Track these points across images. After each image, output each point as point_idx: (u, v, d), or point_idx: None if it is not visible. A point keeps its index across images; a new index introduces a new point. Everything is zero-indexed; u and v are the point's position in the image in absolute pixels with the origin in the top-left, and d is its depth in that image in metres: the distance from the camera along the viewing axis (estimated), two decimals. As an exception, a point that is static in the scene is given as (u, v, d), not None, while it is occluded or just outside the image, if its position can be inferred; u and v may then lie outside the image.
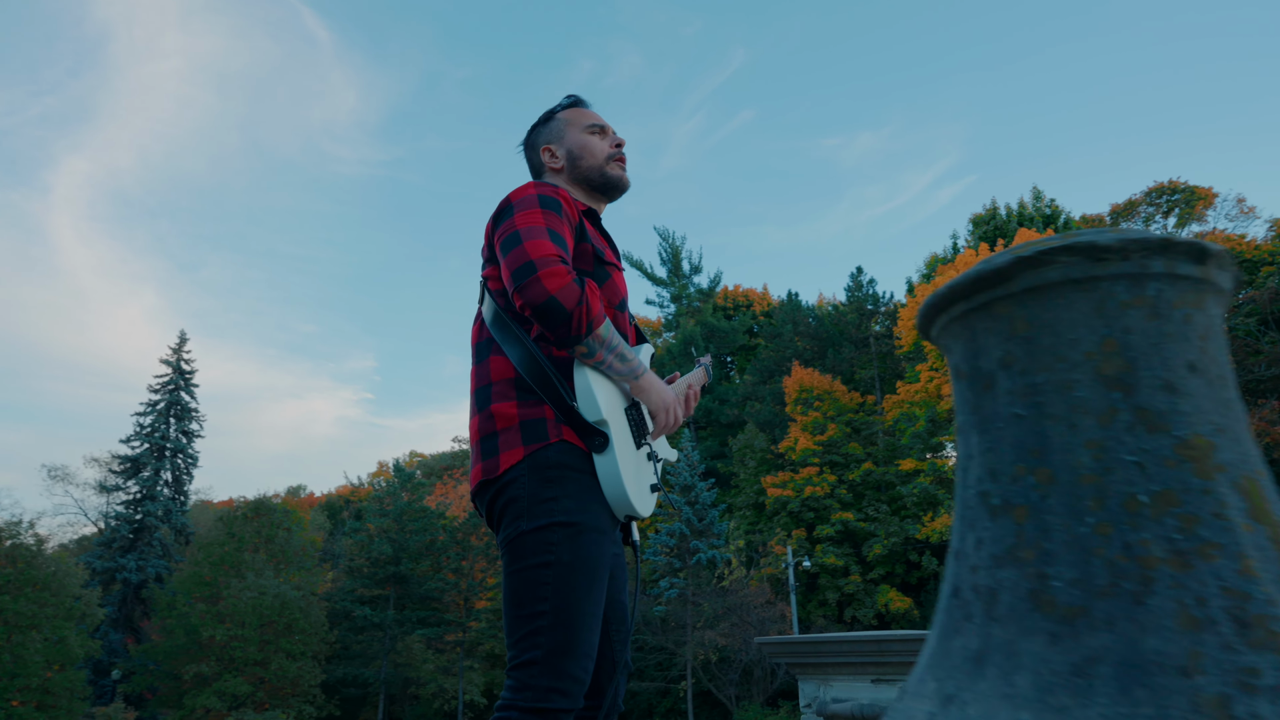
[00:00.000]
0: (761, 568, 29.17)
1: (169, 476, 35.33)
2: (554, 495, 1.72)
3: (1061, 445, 0.78)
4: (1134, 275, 0.81)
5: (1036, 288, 0.83)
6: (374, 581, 33.05)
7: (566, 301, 1.67)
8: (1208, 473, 0.75)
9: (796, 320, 35.11)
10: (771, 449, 31.74)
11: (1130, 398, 0.78)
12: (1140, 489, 0.75)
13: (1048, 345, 0.82)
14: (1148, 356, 0.79)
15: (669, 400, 1.94)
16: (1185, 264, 0.81)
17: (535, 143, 2.19)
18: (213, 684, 28.33)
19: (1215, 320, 0.83)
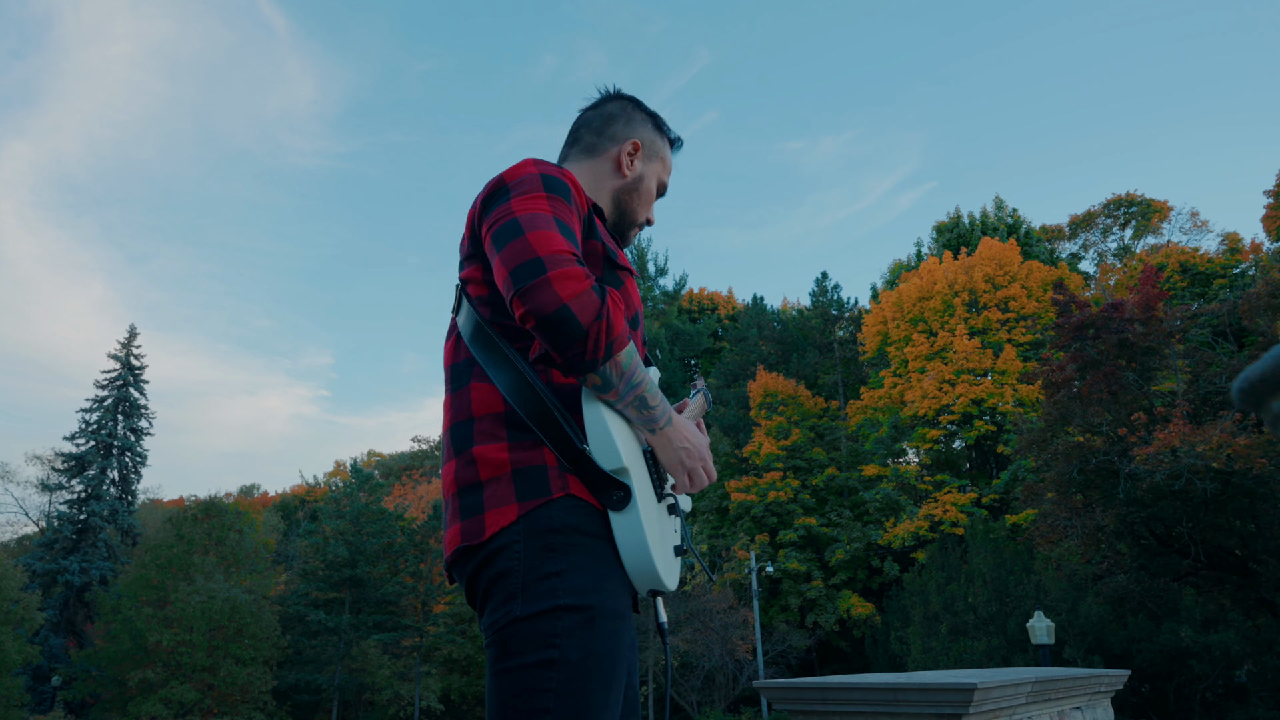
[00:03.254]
0: (724, 573, 29.04)
1: (116, 475, 34.16)
2: (559, 569, 1.32)
3: None
4: None
5: None
6: (329, 584, 32.27)
7: (583, 314, 1.26)
8: None
9: (761, 324, 35.09)
10: (736, 453, 31.65)
11: None
12: None
13: None
14: None
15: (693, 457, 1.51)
16: None
17: (633, 123, 1.77)
18: (159, 690, 27.38)
19: None
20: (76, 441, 33.33)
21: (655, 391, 1.44)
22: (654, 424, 1.46)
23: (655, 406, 1.44)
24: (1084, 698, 4.72)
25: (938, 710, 3.30)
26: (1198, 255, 29.02)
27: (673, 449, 1.49)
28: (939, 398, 27.04)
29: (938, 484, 27.48)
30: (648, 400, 1.42)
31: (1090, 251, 34.12)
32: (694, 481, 1.54)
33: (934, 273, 29.38)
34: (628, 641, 1.37)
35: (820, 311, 34.01)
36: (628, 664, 1.38)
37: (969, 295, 28.11)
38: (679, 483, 1.54)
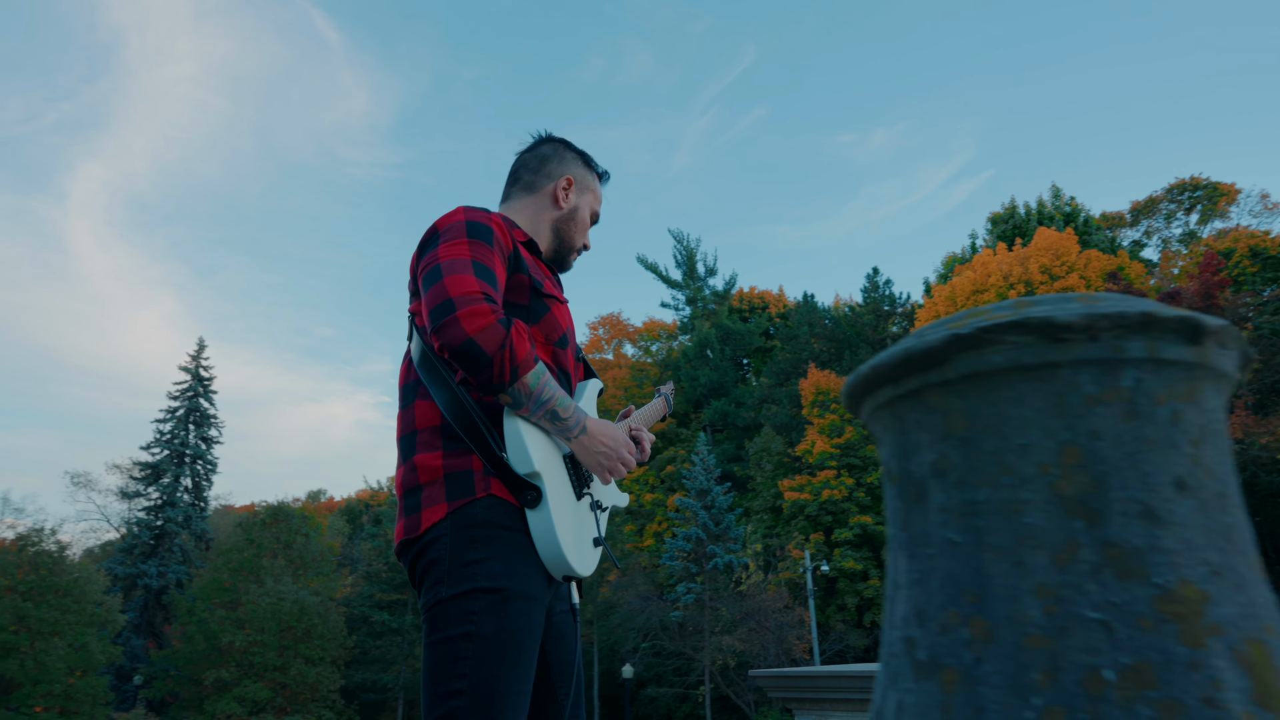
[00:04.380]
0: (779, 572, 28.88)
1: (189, 483, 35.56)
2: (479, 558, 1.53)
3: (1005, 591, 0.59)
4: (1105, 361, 0.61)
5: (977, 374, 0.64)
6: (392, 586, 33.07)
7: (487, 345, 1.48)
8: (1197, 637, 0.55)
9: (813, 322, 34.78)
10: (788, 452, 31.43)
11: (1096, 528, 0.59)
12: (1106, 660, 0.55)
13: (991, 451, 0.63)
14: (1121, 471, 0.60)
15: (610, 458, 1.73)
16: (1174, 345, 0.62)
17: (565, 162, 2.01)
18: (233, 689, 28.43)
19: (1215, 417, 0.64)
20: (152, 451, 34.78)
21: (567, 405, 1.64)
22: (568, 433, 1.67)
23: (567, 418, 1.65)
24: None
25: None
26: (1268, 239, 27.79)
27: (590, 453, 1.71)
28: (995, 392, 26.47)
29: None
30: (559, 413, 1.62)
31: (1153, 238, 32.98)
32: (614, 475, 1.76)
33: (988, 265, 28.76)
34: (538, 619, 1.57)
35: (872, 307, 33.56)
36: (539, 638, 1.59)
37: (1025, 287, 27.43)
38: (600, 480, 1.76)
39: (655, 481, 36.72)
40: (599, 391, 2.02)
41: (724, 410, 36.26)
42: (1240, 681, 0.54)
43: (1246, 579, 0.58)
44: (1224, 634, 0.55)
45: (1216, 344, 0.63)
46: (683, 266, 39.78)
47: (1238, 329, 0.66)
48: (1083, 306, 0.61)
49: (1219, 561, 0.58)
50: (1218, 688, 0.53)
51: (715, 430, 37.58)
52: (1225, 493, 0.61)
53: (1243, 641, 0.55)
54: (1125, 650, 0.55)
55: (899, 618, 0.67)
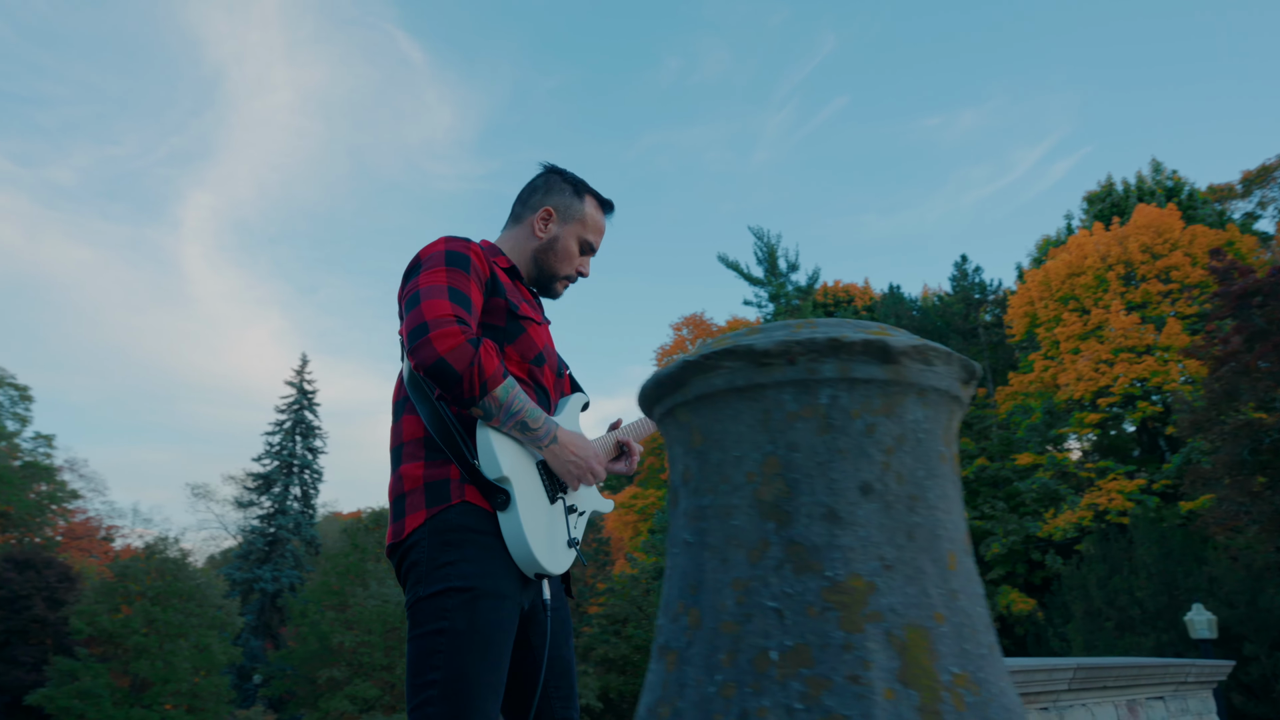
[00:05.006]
0: (873, 570, 28.37)
1: (298, 491, 37.35)
2: (452, 559, 1.68)
3: (712, 583, 0.68)
4: (803, 382, 0.69)
5: (706, 396, 0.73)
6: (489, 588, 33.91)
7: (457, 363, 1.62)
8: (856, 623, 0.63)
9: (899, 313, 33.99)
10: (878, 447, 30.80)
11: (785, 529, 0.67)
12: (774, 643, 0.64)
13: (716, 463, 0.72)
14: (811, 478, 0.68)
15: (580, 467, 1.85)
16: (866, 364, 0.69)
17: (549, 193, 2.11)
18: (344, 688, 29.72)
19: (918, 428, 0.71)
20: (263, 462, 36.70)
21: (537, 416, 1.78)
22: (538, 443, 1.80)
23: (537, 429, 1.79)
24: (1168, 688, 4.51)
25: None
26: (1401, 202, 25.66)
27: (560, 461, 1.84)
28: (1095, 379, 25.28)
29: (1101, 471, 25.70)
30: (529, 424, 1.76)
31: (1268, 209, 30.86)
32: (584, 482, 1.89)
33: (1084, 246, 27.51)
34: (510, 616, 1.70)
35: (962, 296, 32.54)
36: (512, 634, 1.73)
37: (1124, 268, 26.14)
38: (571, 486, 1.88)
39: (744, 480, 36.56)
40: (583, 405, 2.15)
41: (811, 406, 35.82)
42: (890, 662, 0.62)
43: (924, 572, 0.66)
44: (883, 620, 0.63)
45: (918, 361, 0.70)
46: (764, 263, 39.43)
47: (944, 347, 0.73)
48: (784, 334, 0.70)
49: (894, 557, 0.65)
50: (865, 667, 0.61)
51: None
52: (917, 495, 0.68)
53: (902, 627, 0.63)
54: (790, 634, 0.63)
55: (659, 609, 0.76)
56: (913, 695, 0.60)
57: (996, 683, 0.65)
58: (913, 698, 0.60)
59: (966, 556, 0.71)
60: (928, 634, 0.63)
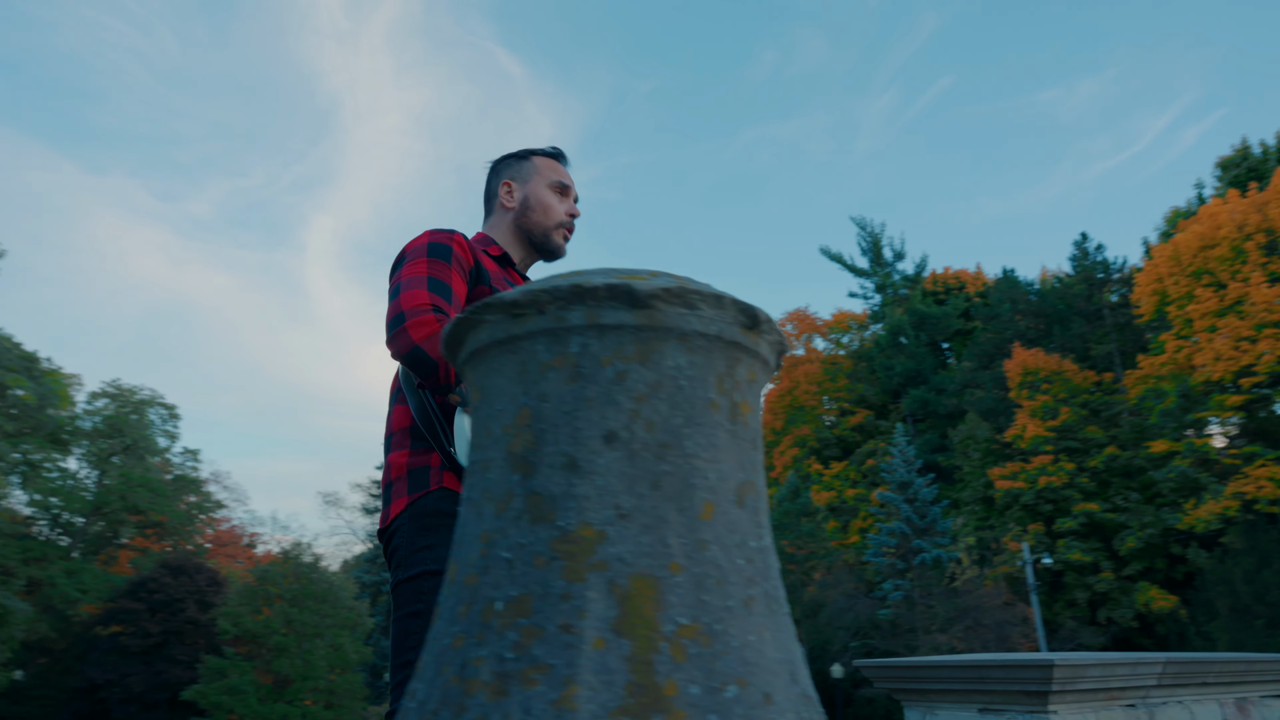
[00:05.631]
0: (996, 566, 27.15)
1: (418, 497, 38.91)
2: (429, 544, 1.72)
3: (466, 537, 0.67)
4: (553, 331, 0.68)
5: (477, 351, 0.72)
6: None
7: (432, 351, 1.66)
8: (579, 572, 0.61)
9: (1015, 298, 32.42)
10: (997, 438, 29.48)
11: (528, 480, 0.66)
12: (501, 594, 0.63)
13: (484, 417, 0.71)
14: (557, 428, 0.66)
15: None
16: (615, 310, 0.67)
17: (500, 171, 2.19)
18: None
19: (677, 373, 0.68)
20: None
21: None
22: None
23: None
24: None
25: (1021, 688, 3.15)
26: None
27: None
28: (1236, 358, 23.40)
29: (1247, 457, 23.75)
30: None
31: None
32: None
33: (1218, 216, 25.52)
34: None
35: (1083, 276, 30.74)
36: None
37: (1265, 236, 24.09)
38: None
39: (856, 476, 35.70)
40: None
41: (923, 399, 34.59)
42: (607, 611, 0.59)
43: (665, 521, 0.63)
44: (608, 570, 0.61)
45: (678, 305, 0.67)
46: (868, 254, 38.44)
47: (715, 290, 0.69)
48: (538, 284, 0.68)
49: (631, 506, 0.63)
50: (580, 616, 0.59)
51: (916, 420, 35.92)
52: (669, 443, 0.66)
53: (627, 577, 0.61)
54: (516, 584, 0.62)
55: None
56: (625, 644, 0.58)
57: (741, 637, 0.61)
58: (624, 647, 0.58)
59: (737, 508, 0.67)
60: (657, 584, 0.61)
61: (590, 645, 0.58)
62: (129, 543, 34.45)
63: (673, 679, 0.57)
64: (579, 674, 0.57)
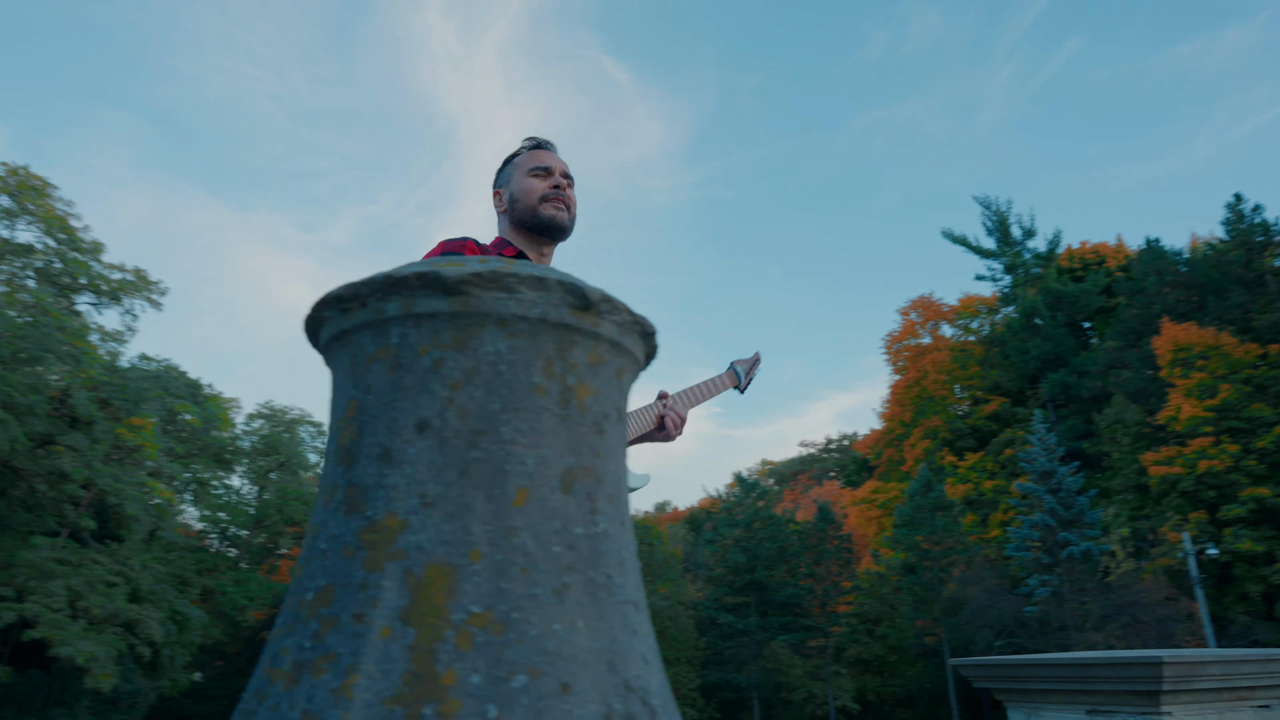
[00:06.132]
0: (1154, 559, 25.28)
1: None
2: None
3: (311, 530, 0.68)
4: (375, 323, 0.68)
5: (326, 346, 0.73)
6: (733, 589, 34.26)
7: None
8: (379, 562, 0.61)
9: (1162, 269, 30.10)
10: (1148, 421, 27.45)
11: (349, 471, 0.66)
12: (312, 585, 0.63)
13: (332, 411, 0.72)
14: (376, 419, 0.66)
15: None
16: (429, 299, 0.66)
17: (494, 186, 2.27)
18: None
19: (496, 359, 0.66)
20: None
21: None
22: None
23: None
24: None
25: (1130, 687, 2.92)
26: None
27: None
28: None
29: None
30: None
31: None
32: None
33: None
34: None
35: (1239, 241, 28.19)
36: None
37: None
38: None
39: (994, 467, 34.06)
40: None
41: (1063, 382, 32.61)
42: (399, 600, 0.59)
43: (470, 509, 0.62)
44: (406, 559, 0.60)
45: (494, 290, 0.66)
46: (995, 233, 36.59)
47: (542, 272, 0.67)
48: (362, 278, 0.69)
49: (437, 494, 0.62)
50: (373, 605, 0.59)
51: (1056, 406, 33.91)
52: (483, 430, 0.64)
53: (423, 565, 0.60)
54: (326, 575, 0.63)
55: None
56: (410, 633, 0.57)
57: (543, 625, 0.59)
58: (409, 635, 0.57)
59: (560, 493, 0.65)
60: (452, 571, 0.60)
61: (377, 634, 0.58)
62: (288, 552, 36.92)
63: (453, 668, 0.56)
64: (361, 663, 0.57)
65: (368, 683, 0.56)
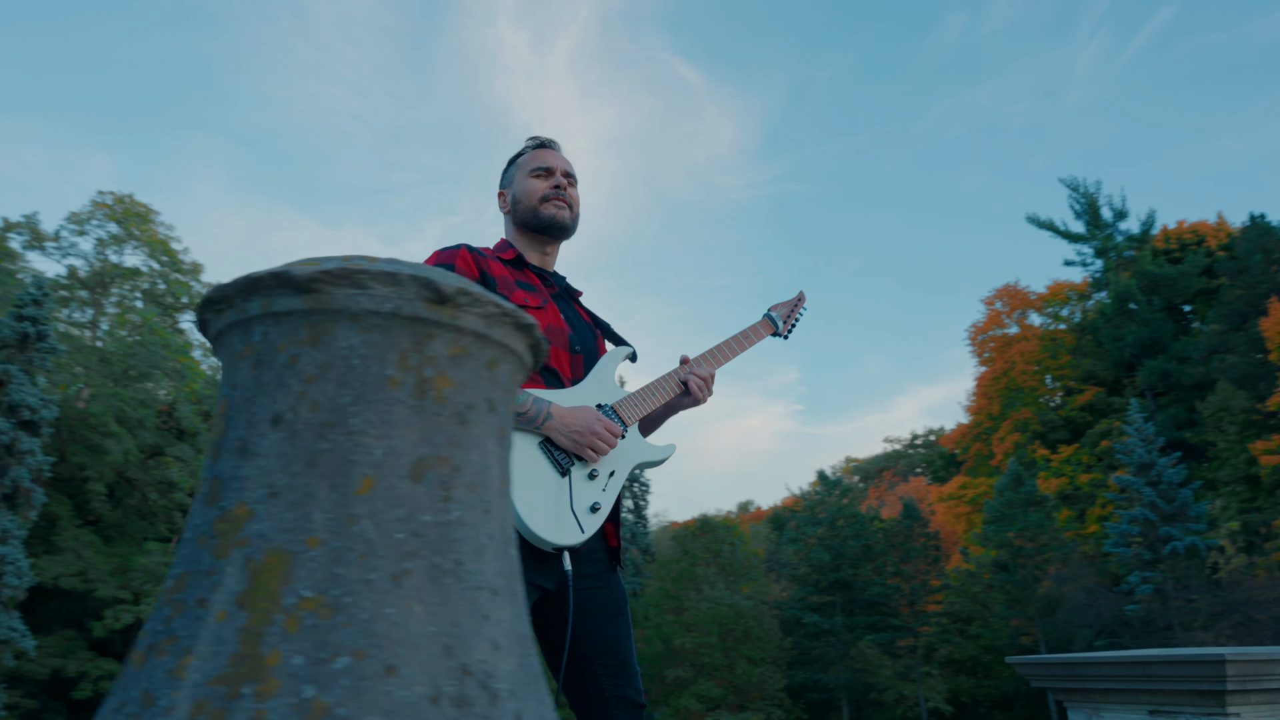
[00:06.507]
0: (1268, 553, 23.81)
1: (630, 504, 40.09)
2: None
3: (188, 523, 0.72)
4: (240, 323, 0.71)
5: (214, 341, 0.77)
6: (818, 588, 33.78)
7: None
8: (226, 550, 0.63)
9: (1269, 247, 28.31)
10: (1258, 408, 25.86)
11: (214, 465, 0.69)
12: (174, 572, 0.67)
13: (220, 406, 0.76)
14: (239, 414, 0.69)
15: (582, 435, 1.90)
16: (285, 298, 0.69)
17: (499, 187, 2.31)
18: (690, 687, 31.29)
19: (350, 353, 0.69)
20: (597, 478, 39.99)
21: (522, 402, 1.88)
22: (532, 424, 1.90)
23: (524, 413, 1.89)
24: None
25: (1192, 687, 2.77)
26: None
27: (562, 436, 1.92)
28: None
29: None
30: (516, 411, 1.84)
31: None
32: (596, 451, 1.92)
33: None
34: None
35: (1356, 212, 26.37)
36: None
37: None
38: (585, 457, 1.91)
39: (1090, 460, 32.65)
40: (625, 358, 2.16)
41: (1162, 369, 31.00)
42: (238, 585, 0.62)
43: (313, 498, 0.64)
44: (248, 546, 0.63)
45: (346, 286, 0.68)
46: (1083, 216, 35.04)
47: (394, 266, 0.69)
48: (228, 282, 0.72)
49: (284, 484, 0.65)
50: (215, 590, 0.62)
51: (1155, 394, 32.26)
52: (332, 422, 0.67)
53: (263, 552, 0.63)
54: (183, 563, 0.66)
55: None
56: (243, 616, 0.60)
57: (375, 610, 0.61)
58: (241, 618, 0.60)
59: (409, 482, 0.67)
60: (290, 558, 0.62)
61: (214, 618, 0.61)
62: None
63: (279, 649, 0.59)
64: (196, 645, 0.60)
65: (199, 664, 0.59)
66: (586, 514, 1.90)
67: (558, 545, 1.84)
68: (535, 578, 1.86)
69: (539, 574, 1.87)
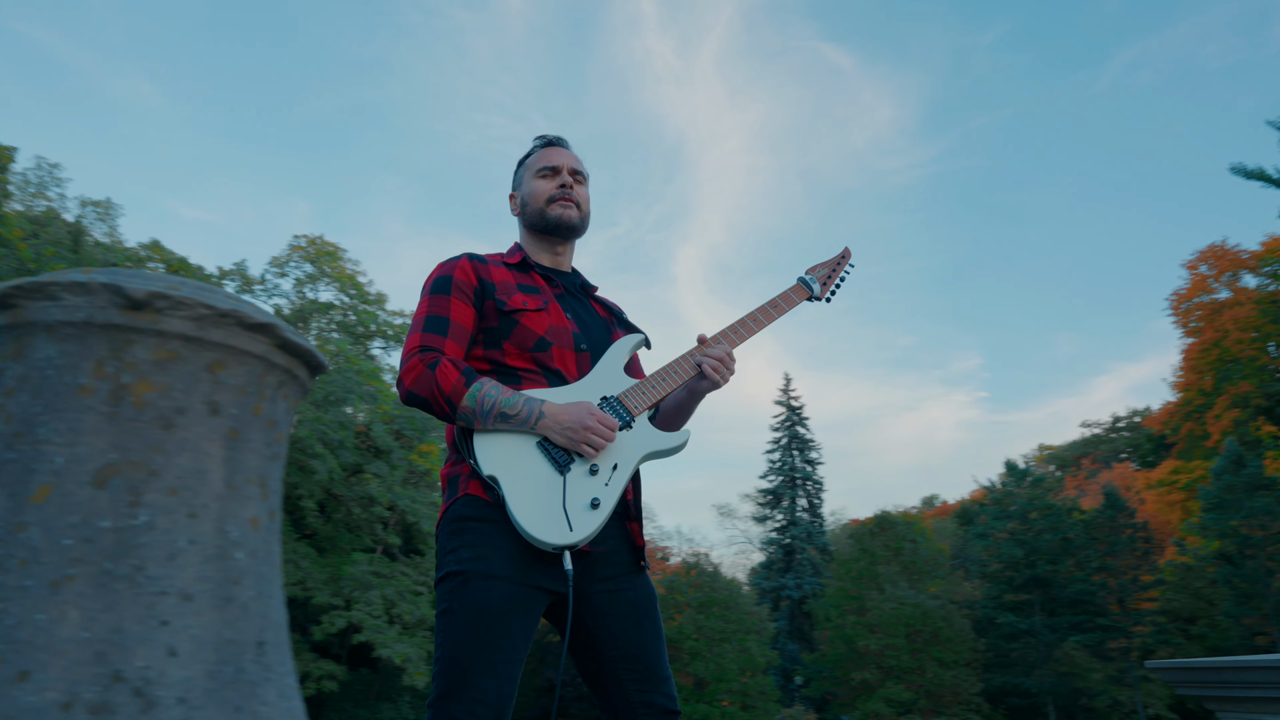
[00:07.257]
0: None
1: (804, 503, 39.36)
2: (454, 547, 1.85)
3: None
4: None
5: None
6: (1013, 586, 31.69)
7: (422, 391, 1.84)
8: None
9: None
10: None
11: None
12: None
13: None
14: (-40, 430, 0.72)
15: (576, 431, 1.87)
16: (-8, 315, 0.71)
17: (511, 189, 2.34)
18: (878, 690, 30.22)
19: (46, 364, 0.70)
20: (769, 478, 39.50)
21: (513, 404, 1.87)
22: (525, 425, 1.90)
23: (516, 415, 1.88)
24: None
25: None
26: None
27: (556, 434, 1.91)
28: None
29: None
30: (507, 414, 1.87)
31: None
32: (592, 446, 1.89)
33: None
34: (500, 595, 1.80)
35: None
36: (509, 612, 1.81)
37: None
38: (582, 453, 1.90)
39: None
40: (635, 346, 2.11)
41: None
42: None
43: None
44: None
45: (40, 299, 0.70)
46: (1303, 159, 30.90)
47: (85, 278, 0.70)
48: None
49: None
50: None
51: None
52: (22, 433, 0.68)
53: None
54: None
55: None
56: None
57: (23, 616, 0.61)
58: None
59: (91, 488, 0.67)
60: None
61: None
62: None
63: (-82, 655, 0.60)
64: None
65: None
66: (585, 511, 1.84)
67: (553, 545, 1.80)
68: (542, 581, 1.84)
69: (545, 577, 1.85)
